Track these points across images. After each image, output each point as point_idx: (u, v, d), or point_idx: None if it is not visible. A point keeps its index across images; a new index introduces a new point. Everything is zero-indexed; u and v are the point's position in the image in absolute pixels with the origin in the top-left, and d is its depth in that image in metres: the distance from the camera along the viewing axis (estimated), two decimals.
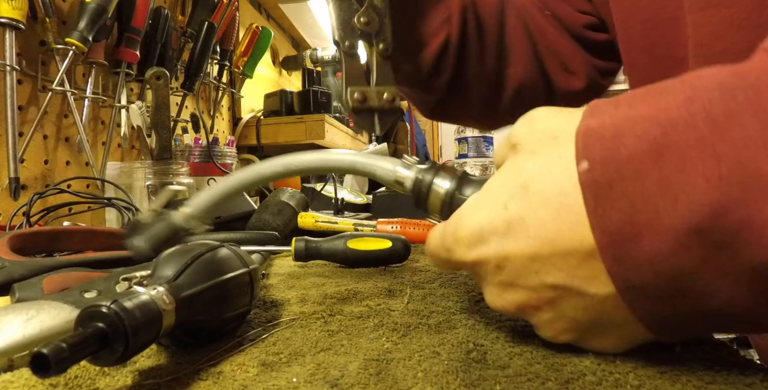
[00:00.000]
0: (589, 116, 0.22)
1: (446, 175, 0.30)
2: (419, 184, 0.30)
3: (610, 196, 0.20)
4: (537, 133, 0.24)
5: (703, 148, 0.19)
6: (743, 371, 0.23)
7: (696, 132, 0.19)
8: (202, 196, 0.34)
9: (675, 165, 0.19)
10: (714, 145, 0.18)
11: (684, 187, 0.19)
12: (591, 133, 0.21)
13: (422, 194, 0.30)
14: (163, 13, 1.00)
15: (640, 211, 0.20)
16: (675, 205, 0.19)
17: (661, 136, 0.20)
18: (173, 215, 0.34)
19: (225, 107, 1.47)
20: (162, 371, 0.24)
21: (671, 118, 0.20)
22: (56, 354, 0.17)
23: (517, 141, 0.26)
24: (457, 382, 0.23)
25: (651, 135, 0.20)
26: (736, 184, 0.18)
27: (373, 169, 0.32)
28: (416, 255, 0.59)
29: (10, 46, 0.69)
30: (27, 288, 0.34)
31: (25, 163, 0.76)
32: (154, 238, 0.34)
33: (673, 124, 0.19)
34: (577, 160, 0.21)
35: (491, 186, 0.25)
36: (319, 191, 1.12)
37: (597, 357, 0.25)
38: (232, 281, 0.28)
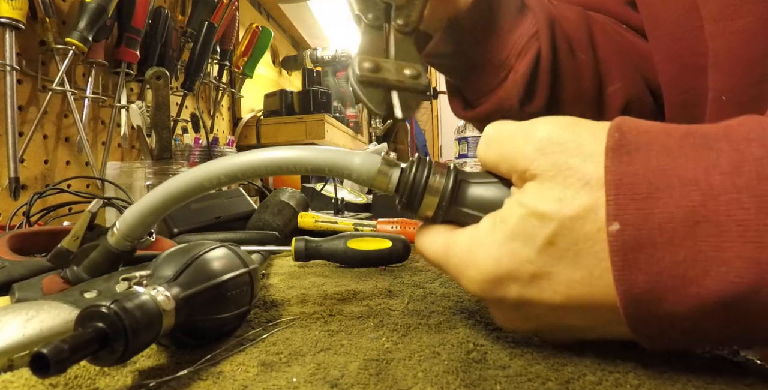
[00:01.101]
0: (618, 157, 0.21)
1: (441, 170, 0.26)
2: (410, 181, 0.26)
3: (638, 259, 0.20)
4: (562, 171, 0.22)
5: (745, 232, 0.18)
6: (743, 371, 0.23)
7: (740, 211, 0.18)
8: (130, 212, 0.30)
9: (712, 241, 0.18)
10: (758, 230, 0.18)
11: (717, 263, 0.18)
12: (623, 189, 0.20)
13: (415, 192, 0.26)
14: (163, 13, 1.00)
15: (667, 277, 0.19)
16: (705, 278, 0.19)
17: (701, 206, 0.19)
18: (105, 239, 0.32)
19: (225, 107, 1.47)
20: (162, 371, 0.24)
21: (713, 186, 0.19)
22: (56, 354, 0.17)
23: (529, 169, 0.23)
24: (457, 382, 0.23)
25: (689, 203, 0.19)
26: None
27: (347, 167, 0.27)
28: (416, 255, 0.59)
29: (10, 46, 0.69)
30: (27, 288, 0.34)
31: (25, 162, 0.76)
32: (93, 266, 0.33)
33: (715, 195, 0.19)
34: (608, 220, 0.20)
35: (510, 226, 0.23)
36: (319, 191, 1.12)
37: (597, 357, 0.25)
38: (232, 281, 0.28)
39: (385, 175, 0.27)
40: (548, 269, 0.22)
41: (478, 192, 0.26)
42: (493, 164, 0.25)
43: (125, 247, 0.32)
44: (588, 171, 0.21)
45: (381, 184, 0.27)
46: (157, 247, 0.51)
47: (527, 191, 0.23)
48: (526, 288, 0.23)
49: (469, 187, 0.26)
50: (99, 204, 0.32)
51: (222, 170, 0.28)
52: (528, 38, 0.43)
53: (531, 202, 0.22)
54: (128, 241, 0.31)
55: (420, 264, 0.54)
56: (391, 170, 0.27)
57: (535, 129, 0.24)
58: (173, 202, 0.29)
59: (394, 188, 0.27)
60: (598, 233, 0.21)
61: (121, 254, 0.32)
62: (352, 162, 0.27)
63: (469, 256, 0.24)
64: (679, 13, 0.39)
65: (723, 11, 0.32)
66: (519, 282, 0.23)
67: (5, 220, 0.68)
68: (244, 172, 0.28)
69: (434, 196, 0.26)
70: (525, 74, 0.43)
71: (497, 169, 0.25)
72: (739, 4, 0.31)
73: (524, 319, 0.25)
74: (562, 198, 0.21)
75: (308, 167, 0.27)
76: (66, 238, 0.32)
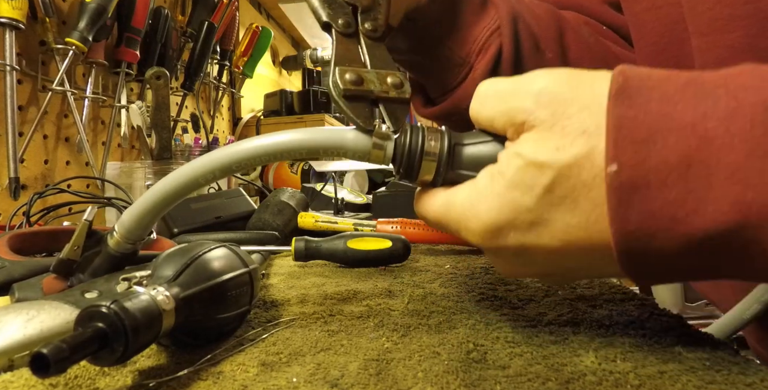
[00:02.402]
0: (621, 101, 0.21)
1: (434, 135, 0.26)
2: (406, 149, 0.26)
3: (632, 199, 0.20)
4: (561, 121, 0.22)
5: (734, 173, 0.19)
6: (743, 371, 0.23)
7: (732, 155, 0.19)
8: (127, 214, 0.30)
9: (702, 182, 0.19)
10: (746, 172, 0.19)
11: (705, 202, 0.19)
12: (624, 132, 0.20)
13: (413, 160, 0.26)
14: (163, 13, 1.00)
15: (658, 217, 0.20)
16: (693, 217, 0.20)
17: (696, 149, 0.19)
18: (106, 244, 0.32)
19: (225, 107, 1.47)
20: (162, 371, 0.24)
21: (708, 130, 0.19)
22: (56, 354, 0.17)
23: (527, 120, 0.23)
24: (457, 382, 0.23)
25: (685, 146, 0.20)
26: (757, 211, 0.19)
27: (341, 144, 0.27)
28: (416, 255, 0.59)
29: (10, 46, 0.69)
30: (27, 288, 0.34)
31: (25, 163, 0.76)
32: (97, 273, 0.33)
33: (710, 140, 0.19)
34: (607, 161, 0.21)
35: (508, 177, 0.23)
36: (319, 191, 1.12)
37: (597, 357, 0.25)
38: (232, 281, 0.28)
39: (380, 147, 0.27)
40: (546, 216, 0.23)
41: (473, 152, 0.26)
42: (488, 121, 0.26)
43: (127, 249, 0.32)
44: (586, 120, 0.22)
45: (377, 158, 0.27)
46: (157, 247, 0.51)
47: (524, 142, 0.23)
48: (526, 235, 0.23)
49: (464, 148, 0.26)
50: (94, 212, 0.32)
51: (216, 164, 0.28)
52: (489, 34, 0.42)
53: (529, 153, 0.23)
54: (129, 243, 0.31)
55: (420, 264, 0.54)
56: (385, 142, 0.27)
57: (532, 82, 0.24)
58: (170, 201, 0.29)
59: (390, 160, 0.27)
60: (594, 180, 0.21)
61: (124, 257, 0.32)
62: (346, 140, 0.27)
63: (470, 209, 0.25)
64: (665, 23, 0.39)
65: (711, 25, 0.32)
66: (518, 230, 0.23)
67: (5, 220, 0.68)
68: (239, 164, 0.27)
69: (431, 161, 0.26)
70: (484, 73, 0.42)
71: (492, 125, 0.26)
72: (727, 19, 0.31)
73: (524, 265, 0.26)
74: (559, 147, 0.22)
75: (302, 151, 0.27)
76: (66, 249, 0.32)
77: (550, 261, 0.24)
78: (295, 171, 1.41)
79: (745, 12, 0.31)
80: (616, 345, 0.27)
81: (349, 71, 0.28)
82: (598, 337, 0.28)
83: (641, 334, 0.28)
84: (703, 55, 0.34)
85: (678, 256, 0.21)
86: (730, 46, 0.32)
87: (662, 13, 0.39)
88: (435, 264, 0.53)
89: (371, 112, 0.28)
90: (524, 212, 0.23)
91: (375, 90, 0.28)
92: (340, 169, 1.26)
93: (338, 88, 0.28)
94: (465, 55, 0.42)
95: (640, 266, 0.22)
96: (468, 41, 0.42)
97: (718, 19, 0.32)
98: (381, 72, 0.30)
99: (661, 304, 0.34)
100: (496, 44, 0.42)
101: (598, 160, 0.21)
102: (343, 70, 0.28)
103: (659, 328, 0.29)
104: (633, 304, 0.34)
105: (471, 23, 0.42)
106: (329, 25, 0.31)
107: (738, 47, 0.31)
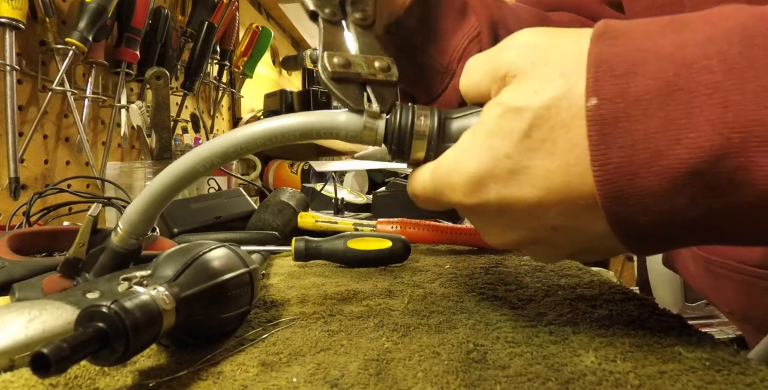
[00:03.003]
0: (601, 41, 0.21)
1: (424, 112, 0.27)
2: (397, 128, 0.27)
3: (613, 134, 0.20)
4: (539, 68, 0.22)
5: (713, 94, 0.19)
6: (743, 371, 0.23)
7: (709, 76, 0.19)
8: (131, 209, 0.30)
9: (682, 108, 0.19)
10: (725, 91, 0.18)
11: (687, 130, 0.19)
12: (603, 67, 0.20)
13: (403, 138, 0.27)
14: (163, 13, 1.00)
15: (640, 150, 0.20)
16: (675, 147, 0.19)
17: (674, 76, 0.19)
18: (110, 241, 0.32)
19: (225, 107, 1.47)
20: (162, 371, 0.24)
21: (686, 57, 0.19)
22: (56, 354, 0.17)
23: (509, 72, 0.23)
24: (457, 382, 0.23)
25: (664, 74, 0.19)
26: (739, 132, 0.18)
27: (334, 127, 0.27)
28: (416, 255, 0.59)
29: (10, 46, 0.69)
30: (27, 288, 0.34)
31: (25, 162, 0.76)
32: (103, 270, 0.33)
33: (688, 65, 0.19)
34: (587, 95, 0.20)
35: (487, 127, 0.23)
36: (319, 191, 1.12)
37: (597, 357, 0.25)
38: (232, 281, 0.28)
39: (371, 128, 0.27)
40: (526, 163, 0.22)
41: (462, 124, 0.26)
42: (475, 86, 0.26)
43: (131, 245, 0.32)
44: (565, 63, 0.22)
45: (369, 138, 0.27)
46: (157, 247, 0.51)
47: (504, 92, 0.23)
48: (506, 186, 0.23)
49: (453, 122, 0.26)
50: (99, 208, 0.32)
51: (213, 152, 0.28)
52: (468, 41, 0.42)
53: (507, 99, 0.23)
54: (133, 239, 0.32)
55: (420, 264, 0.54)
56: (376, 122, 0.27)
57: (513, 38, 0.24)
58: (171, 193, 0.29)
59: (382, 139, 0.27)
60: (573, 120, 0.21)
61: (129, 253, 0.32)
62: (338, 121, 0.27)
63: (453, 165, 0.24)
64: None
65: None
66: (499, 181, 0.23)
67: (5, 220, 0.68)
68: (236, 150, 0.28)
69: (422, 139, 0.26)
70: None
71: (478, 90, 0.25)
72: None
73: (509, 227, 0.25)
74: (537, 90, 0.22)
75: (297, 134, 0.28)
76: (72, 248, 0.32)
77: (534, 218, 0.24)
78: (295, 171, 1.41)
79: None
80: (616, 345, 0.27)
81: (336, 55, 0.29)
82: (598, 337, 0.28)
83: (641, 334, 0.28)
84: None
85: (664, 197, 0.20)
86: None
87: (663, 13, 0.39)
88: (435, 264, 0.53)
89: (360, 93, 0.29)
90: (503, 159, 0.23)
91: (362, 73, 0.29)
92: (340, 169, 1.27)
93: (327, 71, 0.29)
94: (447, 63, 0.43)
95: (626, 213, 0.21)
96: (449, 50, 0.42)
97: None
98: (369, 57, 0.30)
99: (661, 304, 0.34)
100: (476, 51, 0.42)
101: (576, 99, 0.21)
102: (331, 54, 0.29)
103: (659, 328, 0.29)
104: (633, 304, 0.34)
105: (450, 32, 0.42)
106: (316, 13, 0.32)
107: None
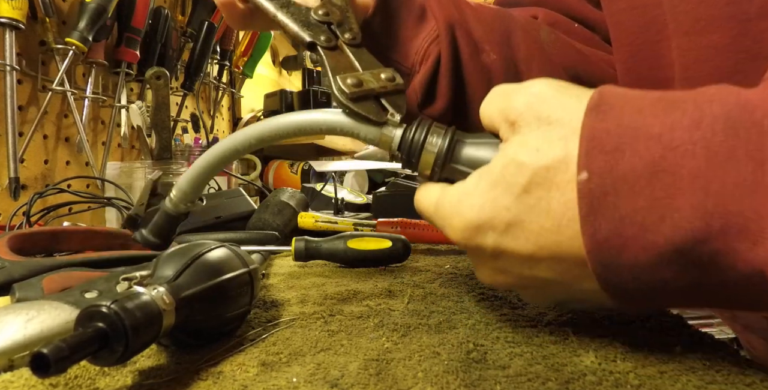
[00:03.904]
0: (595, 115, 0.22)
1: (439, 130, 0.28)
2: (410, 140, 0.29)
3: (602, 207, 0.21)
4: (543, 125, 0.24)
5: (696, 180, 0.19)
6: (743, 371, 0.23)
7: (693, 161, 0.20)
8: (182, 179, 0.35)
9: (667, 188, 0.20)
10: (707, 179, 0.19)
11: (671, 210, 0.20)
12: (595, 142, 0.21)
13: (414, 151, 0.28)
14: (163, 13, 1.00)
15: (628, 224, 0.21)
16: (660, 225, 0.20)
17: (660, 157, 0.20)
18: (164, 204, 0.36)
19: (225, 107, 1.47)
20: (162, 371, 0.24)
21: (673, 139, 0.20)
22: (56, 354, 0.17)
23: (517, 120, 0.25)
24: (457, 382, 0.23)
25: (651, 155, 0.20)
26: (718, 219, 0.19)
27: (356, 130, 0.30)
28: (416, 255, 0.59)
29: (10, 46, 0.69)
30: (27, 288, 0.34)
31: (25, 163, 0.76)
32: (157, 228, 0.37)
33: (674, 148, 0.20)
34: (578, 169, 0.22)
35: (493, 175, 0.25)
36: (319, 191, 1.12)
37: (597, 357, 0.25)
38: (232, 281, 0.28)
39: (389, 135, 0.29)
40: (522, 217, 0.23)
41: (472, 150, 0.28)
42: (489, 117, 0.27)
43: (181, 209, 0.36)
44: (566, 127, 0.23)
45: (385, 145, 0.30)
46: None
47: (511, 142, 0.25)
48: (503, 236, 0.24)
49: (465, 146, 0.28)
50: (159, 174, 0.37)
51: (252, 135, 0.32)
52: (428, 44, 0.43)
53: (512, 152, 0.24)
54: (183, 205, 0.36)
55: (420, 264, 0.54)
56: (394, 131, 0.29)
57: (531, 85, 0.25)
58: (217, 166, 0.34)
59: (396, 147, 0.29)
60: (567, 184, 0.22)
61: (178, 216, 0.36)
62: (360, 125, 0.30)
63: (456, 206, 0.26)
64: (642, 23, 0.39)
65: (694, 26, 0.33)
66: (496, 230, 0.24)
67: (5, 220, 0.68)
68: (271, 135, 0.32)
69: (431, 154, 0.28)
70: (422, 79, 0.44)
71: (492, 121, 0.27)
72: (709, 20, 0.32)
73: (501, 271, 0.26)
74: (539, 148, 0.23)
75: (323, 128, 0.31)
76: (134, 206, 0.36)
77: (526, 268, 0.25)
78: (295, 171, 1.42)
79: (727, 13, 0.31)
80: (616, 345, 0.27)
81: (348, 77, 0.31)
82: (598, 337, 0.28)
83: (641, 334, 0.28)
84: (684, 54, 0.34)
85: (652, 269, 0.21)
86: (711, 47, 0.32)
87: (639, 13, 0.39)
88: (435, 264, 0.53)
89: (378, 106, 0.31)
90: (503, 211, 0.24)
91: (375, 87, 0.31)
92: (340, 169, 1.27)
93: (344, 94, 0.30)
94: (410, 66, 0.44)
95: (616, 280, 0.22)
96: (411, 53, 0.44)
97: (700, 20, 0.32)
98: (374, 71, 0.33)
99: None
100: (435, 53, 0.43)
101: (572, 166, 0.22)
102: (343, 76, 0.31)
103: (659, 328, 0.29)
104: None
105: (412, 36, 0.44)
106: (314, 43, 0.35)
107: (719, 47, 0.32)
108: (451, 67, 0.44)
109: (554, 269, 0.24)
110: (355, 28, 0.36)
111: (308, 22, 0.36)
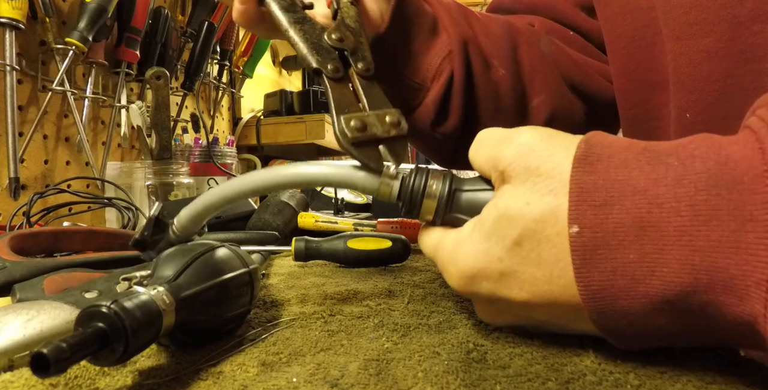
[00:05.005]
0: (582, 167, 0.23)
1: (436, 180, 0.28)
2: (409, 191, 0.28)
3: (594, 259, 0.22)
4: (532, 176, 0.24)
5: (682, 236, 0.20)
6: (743, 371, 0.23)
7: (678, 218, 0.20)
8: (184, 213, 0.34)
9: (655, 243, 0.21)
10: (692, 236, 0.20)
11: (660, 264, 0.21)
12: (584, 196, 0.22)
13: (414, 201, 0.28)
14: (163, 13, 1.00)
15: (620, 276, 0.21)
16: (651, 278, 0.21)
17: (647, 213, 0.21)
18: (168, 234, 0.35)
19: (225, 107, 1.47)
20: (162, 371, 0.24)
21: (659, 195, 0.21)
22: (56, 354, 0.17)
23: (506, 170, 0.25)
24: (457, 382, 0.23)
25: (638, 210, 0.21)
26: (705, 275, 0.20)
27: (353, 180, 0.29)
28: (416, 255, 0.59)
29: (10, 46, 0.69)
30: (28, 288, 0.34)
31: (25, 163, 0.76)
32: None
33: (659, 204, 0.21)
34: (569, 222, 0.22)
35: (486, 228, 0.25)
36: (319, 191, 1.12)
37: (597, 357, 0.25)
38: (232, 281, 0.28)
39: (388, 185, 0.29)
40: (515, 268, 0.24)
41: (470, 198, 0.28)
42: (479, 165, 0.28)
43: (183, 239, 0.35)
44: (555, 179, 0.23)
45: (384, 195, 0.29)
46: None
47: (502, 194, 0.25)
48: (497, 285, 0.25)
49: (463, 194, 0.28)
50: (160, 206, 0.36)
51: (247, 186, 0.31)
52: (441, 60, 0.43)
53: (503, 205, 0.24)
54: (185, 236, 0.35)
55: (420, 264, 0.54)
56: (392, 182, 0.29)
57: (518, 135, 0.26)
58: (216, 207, 0.33)
59: (396, 197, 0.29)
60: (557, 236, 0.23)
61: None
62: (358, 177, 0.29)
63: (452, 255, 0.27)
64: (635, 28, 0.39)
65: (686, 30, 0.33)
66: (490, 279, 0.25)
67: (5, 221, 0.68)
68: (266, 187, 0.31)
69: (432, 201, 0.28)
70: (435, 97, 0.43)
71: (482, 169, 0.27)
72: (702, 24, 0.32)
73: (499, 312, 0.27)
74: (529, 202, 0.24)
75: (320, 181, 0.30)
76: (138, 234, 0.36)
77: (523, 311, 0.26)
78: None
79: (720, 17, 0.31)
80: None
81: (353, 118, 0.30)
82: (598, 337, 0.28)
83: None
84: (677, 58, 0.34)
85: (645, 317, 0.22)
86: (704, 51, 0.32)
87: (633, 18, 0.39)
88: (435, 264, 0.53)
89: (378, 153, 0.30)
90: (496, 262, 0.24)
91: (378, 133, 0.30)
92: None
93: (347, 138, 0.29)
94: (421, 81, 0.44)
95: (613, 325, 0.23)
96: (422, 68, 0.44)
97: (693, 24, 0.33)
98: (379, 113, 0.31)
99: None
100: (448, 69, 0.43)
101: (562, 218, 0.22)
102: (348, 118, 0.30)
103: None
104: None
105: (424, 50, 0.44)
106: (320, 71, 0.33)
107: (712, 51, 0.32)
108: (464, 84, 0.44)
109: (550, 313, 0.25)
110: (369, 57, 0.35)
111: (320, 45, 0.34)
